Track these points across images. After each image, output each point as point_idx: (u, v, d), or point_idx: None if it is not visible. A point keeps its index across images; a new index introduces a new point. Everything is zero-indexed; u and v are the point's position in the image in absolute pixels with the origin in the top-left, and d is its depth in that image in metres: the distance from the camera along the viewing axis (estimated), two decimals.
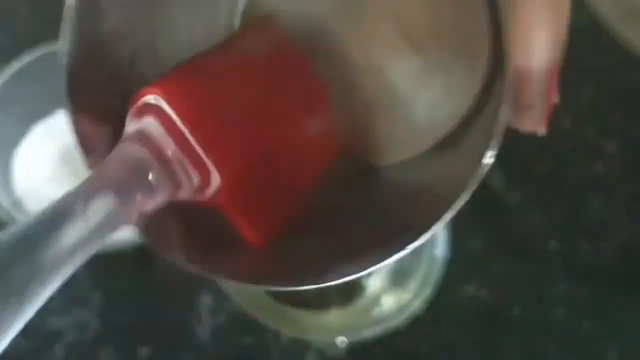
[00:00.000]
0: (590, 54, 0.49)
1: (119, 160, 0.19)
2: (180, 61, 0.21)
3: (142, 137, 0.19)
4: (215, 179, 0.20)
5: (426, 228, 0.19)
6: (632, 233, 0.44)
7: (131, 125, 0.19)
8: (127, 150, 0.19)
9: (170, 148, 0.19)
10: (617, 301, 0.42)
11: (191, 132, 0.19)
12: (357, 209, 0.24)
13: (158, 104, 0.19)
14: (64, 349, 0.39)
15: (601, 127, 0.47)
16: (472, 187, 0.19)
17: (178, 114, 0.19)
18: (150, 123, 0.19)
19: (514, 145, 0.47)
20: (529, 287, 0.42)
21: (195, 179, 0.20)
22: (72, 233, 0.17)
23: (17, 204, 0.39)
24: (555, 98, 0.22)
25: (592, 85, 0.48)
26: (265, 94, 0.22)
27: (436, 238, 0.37)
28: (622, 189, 0.45)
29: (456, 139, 0.24)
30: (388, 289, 0.39)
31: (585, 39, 0.49)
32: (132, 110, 0.20)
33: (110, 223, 0.18)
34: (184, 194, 0.20)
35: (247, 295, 0.37)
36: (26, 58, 0.40)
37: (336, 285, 0.20)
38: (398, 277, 0.39)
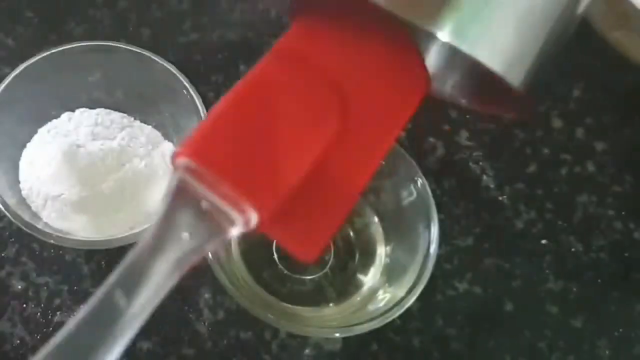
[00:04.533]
0: (581, 56, 0.49)
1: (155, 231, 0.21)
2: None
3: (181, 193, 0.21)
4: (253, 215, 0.21)
5: None
6: (622, 232, 0.44)
7: (171, 182, 0.22)
8: (163, 215, 0.21)
9: (205, 199, 0.21)
10: (608, 298, 0.42)
11: (220, 178, 0.21)
12: None
13: (187, 164, 0.21)
14: None
15: (592, 128, 0.47)
16: None
17: (206, 167, 0.21)
18: (185, 179, 0.21)
19: (506, 145, 0.48)
20: (521, 283, 0.42)
21: (239, 219, 0.21)
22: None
23: (22, 202, 0.39)
24: None
25: (583, 86, 0.48)
26: (284, 125, 0.22)
27: (431, 235, 0.37)
28: (612, 189, 0.46)
29: None
30: (383, 285, 0.39)
31: (577, 40, 0.50)
32: (172, 168, 0.22)
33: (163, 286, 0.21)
34: (233, 233, 0.22)
35: (245, 292, 0.37)
36: (31, 61, 0.40)
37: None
38: (393, 274, 0.39)
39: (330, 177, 0.23)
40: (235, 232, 0.22)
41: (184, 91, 0.40)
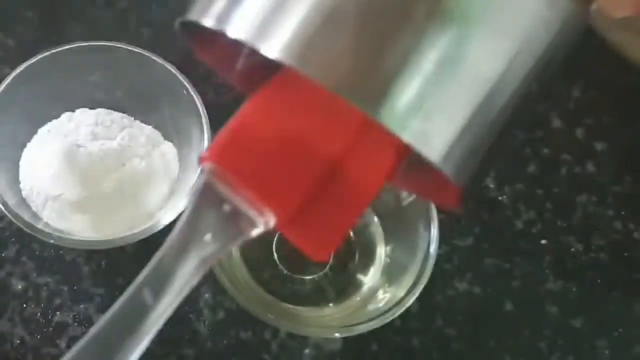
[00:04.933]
0: (581, 55, 0.49)
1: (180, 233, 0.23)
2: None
3: (205, 194, 0.23)
4: (272, 217, 0.22)
5: None
6: (621, 232, 0.44)
7: (197, 184, 0.23)
8: (187, 218, 0.23)
9: (228, 201, 0.22)
10: (608, 298, 0.42)
11: (243, 183, 0.22)
12: None
13: (213, 168, 0.22)
14: (67, 344, 0.39)
15: (592, 128, 0.47)
16: None
17: (230, 171, 0.22)
18: (211, 182, 0.23)
19: None
20: (521, 283, 0.42)
21: (259, 221, 0.23)
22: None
23: (22, 202, 0.39)
24: None
25: (582, 86, 0.48)
26: (303, 131, 0.23)
27: (430, 235, 0.37)
28: (612, 189, 0.45)
29: None
30: (383, 285, 0.39)
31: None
32: (200, 172, 0.23)
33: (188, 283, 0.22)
34: (254, 234, 0.23)
35: (245, 292, 0.37)
36: (32, 61, 0.40)
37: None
38: (393, 274, 0.39)
39: (345, 178, 0.23)
40: (255, 233, 0.23)
41: (184, 91, 0.40)
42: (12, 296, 0.40)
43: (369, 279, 0.40)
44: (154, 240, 0.41)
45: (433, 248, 0.37)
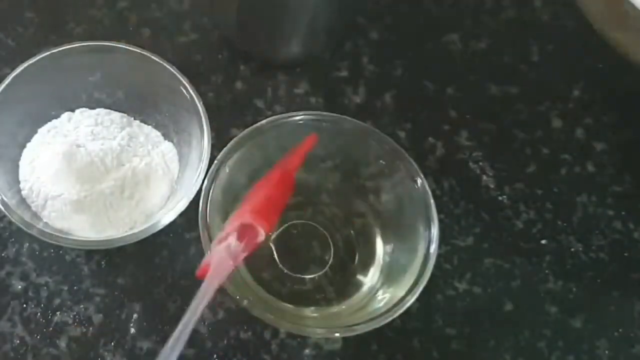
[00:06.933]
0: (581, 55, 0.49)
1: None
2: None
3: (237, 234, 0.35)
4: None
5: None
6: (621, 232, 0.44)
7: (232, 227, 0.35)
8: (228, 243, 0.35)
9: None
10: (608, 298, 0.42)
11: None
12: None
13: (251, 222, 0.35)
14: (67, 344, 0.39)
15: (592, 128, 0.47)
16: None
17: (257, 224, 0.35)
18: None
19: (505, 145, 0.48)
20: (521, 283, 0.42)
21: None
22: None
23: (22, 202, 0.40)
24: None
25: (582, 86, 0.48)
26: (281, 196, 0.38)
27: (430, 235, 0.37)
28: (612, 189, 0.46)
29: None
30: (383, 285, 0.39)
31: (576, 40, 0.50)
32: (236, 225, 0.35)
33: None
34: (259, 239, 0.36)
35: (245, 291, 0.37)
36: (32, 61, 0.40)
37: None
38: (393, 274, 0.39)
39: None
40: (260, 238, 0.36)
41: (184, 91, 0.40)
42: (12, 296, 0.40)
43: (369, 278, 0.40)
44: (154, 240, 0.41)
45: (433, 248, 0.37)
